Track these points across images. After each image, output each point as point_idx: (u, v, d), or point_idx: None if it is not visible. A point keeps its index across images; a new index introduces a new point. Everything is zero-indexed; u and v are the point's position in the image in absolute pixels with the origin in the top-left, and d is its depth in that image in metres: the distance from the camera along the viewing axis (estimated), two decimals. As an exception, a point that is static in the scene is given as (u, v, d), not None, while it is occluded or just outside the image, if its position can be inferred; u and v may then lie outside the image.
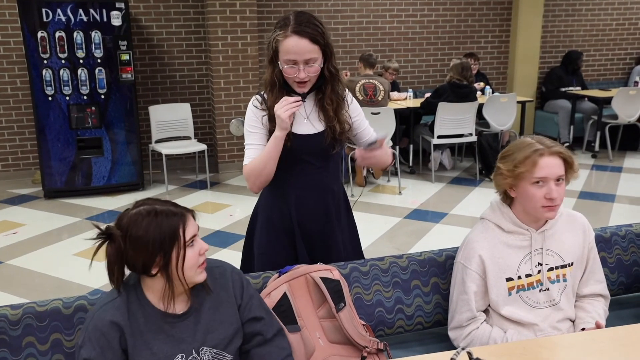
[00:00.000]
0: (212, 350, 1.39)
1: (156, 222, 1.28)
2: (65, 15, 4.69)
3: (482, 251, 1.66)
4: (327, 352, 1.58)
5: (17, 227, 4.26)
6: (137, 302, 1.34)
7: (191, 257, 1.32)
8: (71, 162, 4.97)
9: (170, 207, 1.33)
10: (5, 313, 1.51)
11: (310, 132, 1.80)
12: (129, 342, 1.31)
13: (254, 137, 1.79)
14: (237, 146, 5.88)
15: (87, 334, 1.31)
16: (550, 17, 7.03)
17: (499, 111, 5.53)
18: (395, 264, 1.85)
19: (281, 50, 1.67)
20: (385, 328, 1.81)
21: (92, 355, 1.29)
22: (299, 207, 1.85)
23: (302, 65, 1.67)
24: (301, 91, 1.74)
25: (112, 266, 1.30)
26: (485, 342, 1.64)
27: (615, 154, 6.31)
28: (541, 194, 1.59)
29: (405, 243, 3.92)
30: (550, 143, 1.60)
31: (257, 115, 1.79)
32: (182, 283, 1.33)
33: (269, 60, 1.73)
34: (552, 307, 1.68)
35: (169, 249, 1.29)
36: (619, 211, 4.50)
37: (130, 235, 1.28)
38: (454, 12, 6.71)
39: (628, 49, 7.48)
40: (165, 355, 1.33)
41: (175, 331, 1.36)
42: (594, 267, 1.76)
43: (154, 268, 1.30)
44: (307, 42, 1.65)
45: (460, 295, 1.68)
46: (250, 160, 1.78)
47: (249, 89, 5.71)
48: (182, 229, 1.30)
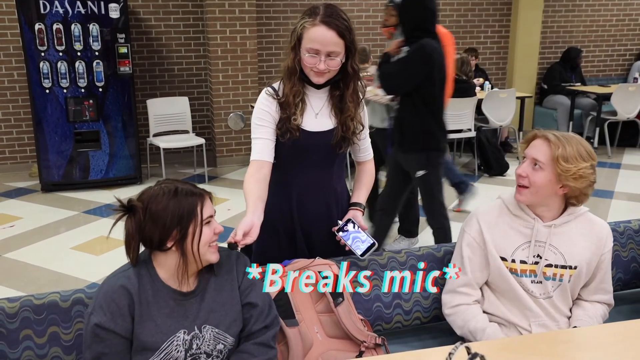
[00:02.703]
0: (214, 329, 1.42)
1: (176, 198, 1.35)
2: (62, 8, 4.67)
3: (482, 221, 1.70)
4: (325, 347, 1.58)
5: (14, 220, 4.25)
6: (148, 276, 1.38)
7: (207, 233, 1.39)
8: (69, 156, 4.95)
9: (190, 187, 1.40)
10: (2, 306, 1.50)
11: (320, 129, 1.76)
12: (136, 310, 1.34)
13: (262, 131, 1.74)
14: (235, 140, 5.87)
15: (98, 300, 1.34)
16: (550, 12, 7.02)
17: (498, 107, 5.53)
18: (394, 259, 1.85)
19: (305, 38, 1.65)
20: (383, 323, 1.81)
21: (103, 321, 1.31)
22: (301, 207, 1.82)
23: (323, 57, 1.64)
24: (317, 81, 1.71)
25: (130, 239, 1.35)
26: (466, 321, 1.66)
27: (614, 151, 6.32)
28: (517, 168, 1.66)
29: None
30: (552, 131, 1.64)
31: (269, 106, 1.74)
32: (195, 259, 1.38)
33: (292, 47, 1.71)
34: (546, 300, 1.67)
35: (186, 225, 1.35)
36: (618, 207, 4.50)
37: (150, 209, 1.34)
38: (454, 6, 6.69)
39: (628, 45, 7.47)
40: (168, 329, 1.37)
41: (180, 308, 1.40)
42: (605, 278, 1.74)
43: (170, 241, 1.35)
44: (333, 34, 1.63)
45: (458, 259, 1.73)
46: (256, 158, 1.71)
47: (248, 82, 5.70)
48: (200, 207, 1.38)
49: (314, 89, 1.75)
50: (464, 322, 1.67)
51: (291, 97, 1.72)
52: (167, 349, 1.36)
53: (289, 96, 1.71)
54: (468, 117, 5.32)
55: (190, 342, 1.39)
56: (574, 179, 1.57)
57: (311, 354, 1.55)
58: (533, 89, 6.96)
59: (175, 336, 1.37)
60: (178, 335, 1.38)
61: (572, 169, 1.56)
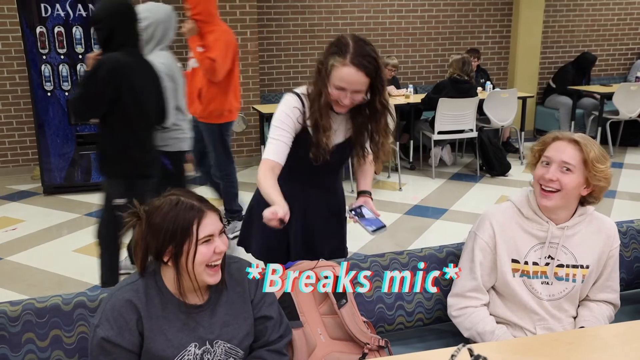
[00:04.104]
0: (226, 344, 1.39)
1: (174, 212, 1.30)
2: (64, 11, 4.67)
3: (496, 225, 1.67)
4: (328, 349, 1.58)
5: (16, 223, 4.26)
6: (155, 288, 1.35)
7: (204, 253, 1.32)
8: (70, 158, 4.96)
9: (193, 202, 1.33)
10: (4, 309, 1.50)
11: (338, 141, 1.83)
12: (145, 325, 1.32)
13: (280, 134, 1.76)
14: (237, 142, 5.87)
15: (105, 313, 1.32)
16: (551, 12, 7.01)
17: (499, 107, 5.52)
18: (395, 260, 1.85)
19: (334, 75, 1.67)
20: (386, 324, 1.81)
21: (110, 335, 1.29)
22: (306, 205, 1.89)
23: (349, 93, 1.68)
24: (339, 111, 1.77)
25: (136, 247, 1.34)
26: (474, 323, 1.65)
27: (616, 150, 6.30)
28: (541, 172, 1.61)
29: (405, 239, 3.91)
30: (577, 135, 1.61)
31: (294, 113, 1.77)
32: (191, 278, 1.33)
33: (320, 77, 1.72)
34: (553, 302, 1.67)
35: (181, 242, 1.30)
36: (620, 207, 4.49)
37: (150, 221, 1.32)
38: (455, 7, 6.68)
39: (629, 44, 7.46)
40: (180, 342, 1.34)
41: (191, 321, 1.37)
42: (612, 276, 1.73)
43: (166, 256, 1.32)
44: (362, 75, 1.65)
45: (468, 263, 1.70)
46: (269, 157, 1.75)
47: (249, 84, 5.70)
48: (197, 225, 1.30)
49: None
50: (472, 325, 1.66)
51: (321, 119, 1.74)
52: None
53: (316, 114, 1.74)
54: (470, 117, 5.32)
55: (202, 356, 1.37)
56: (605, 179, 1.59)
57: (314, 356, 1.55)
58: (535, 89, 6.95)
59: (187, 350, 1.35)
60: (189, 349, 1.36)
61: (604, 170, 1.58)
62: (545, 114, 6.92)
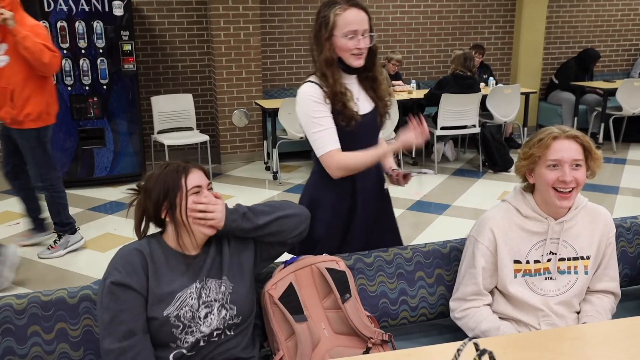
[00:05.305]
0: (222, 282, 1.49)
1: (163, 174, 1.47)
2: (67, 5, 4.67)
3: (495, 228, 1.67)
4: (332, 343, 1.58)
5: (19, 218, 4.27)
6: (157, 244, 1.49)
7: (194, 202, 1.45)
8: (73, 153, 4.97)
9: (179, 163, 1.50)
10: (10, 302, 1.51)
11: (366, 111, 1.85)
12: (150, 269, 1.42)
13: (326, 122, 1.76)
14: (240, 137, 5.87)
15: (113, 263, 1.42)
16: (554, 7, 6.98)
17: (502, 103, 5.51)
18: (399, 255, 1.85)
19: (340, 24, 1.72)
20: (390, 319, 1.82)
21: (119, 277, 1.38)
22: (362, 188, 1.90)
23: (361, 36, 1.74)
24: (358, 64, 1.79)
25: (137, 216, 1.49)
26: (478, 322, 1.65)
27: (619, 146, 6.29)
28: (554, 176, 1.59)
29: (408, 235, 3.91)
30: (568, 129, 1.62)
31: (321, 97, 1.77)
32: (189, 232, 1.45)
33: (326, 39, 1.75)
34: (558, 296, 1.67)
35: (173, 196, 1.45)
36: (623, 203, 4.49)
37: (146, 187, 1.48)
38: (458, 2, 6.66)
39: (633, 40, 7.43)
40: (182, 282, 1.45)
41: (191, 268, 1.48)
42: (610, 264, 1.74)
43: (163, 212, 1.46)
44: (364, 14, 1.75)
45: (469, 268, 1.70)
46: (335, 147, 1.76)
47: (252, 79, 5.69)
48: (185, 179, 1.46)
49: (347, 75, 1.82)
50: (476, 324, 1.66)
51: (337, 86, 1.77)
52: (182, 297, 1.43)
53: (334, 86, 1.76)
54: (472, 113, 5.31)
55: (200, 293, 1.46)
56: (599, 158, 1.63)
57: (318, 350, 1.55)
58: (537, 85, 6.93)
59: (188, 289, 1.45)
60: (190, 290, 1.46)
61: (597, 151, 1.63)
62: (548, 109, 6.91)
